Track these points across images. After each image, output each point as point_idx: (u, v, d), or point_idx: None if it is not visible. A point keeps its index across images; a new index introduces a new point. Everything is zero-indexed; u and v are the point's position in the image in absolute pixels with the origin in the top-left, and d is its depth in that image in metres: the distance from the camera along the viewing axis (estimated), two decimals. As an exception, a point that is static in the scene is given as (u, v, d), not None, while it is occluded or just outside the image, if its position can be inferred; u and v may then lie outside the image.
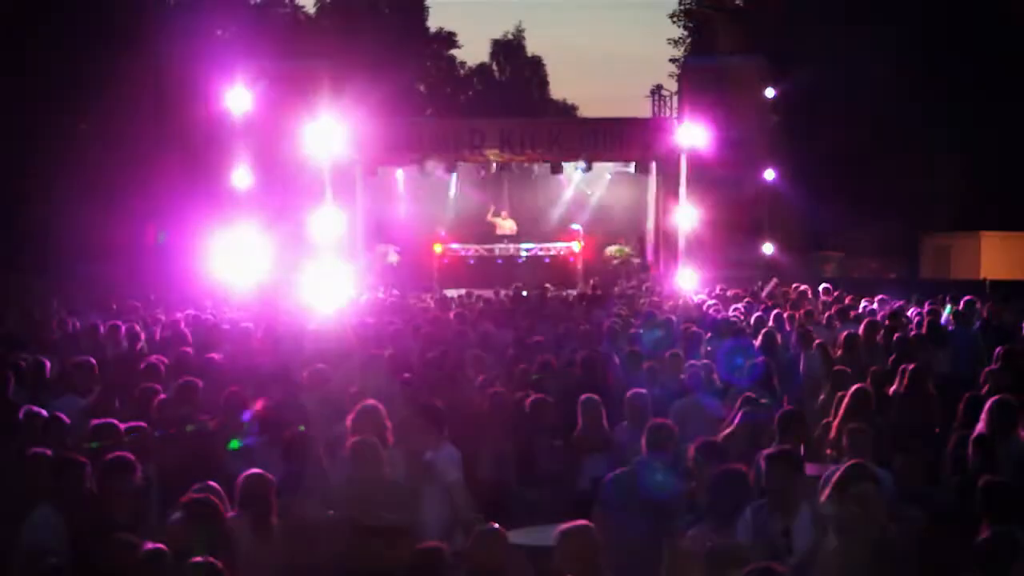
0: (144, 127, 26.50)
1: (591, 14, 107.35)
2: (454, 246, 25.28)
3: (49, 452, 6.50)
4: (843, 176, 27.44)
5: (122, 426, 7.24)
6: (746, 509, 6.03)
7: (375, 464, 6.77)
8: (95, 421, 7.27)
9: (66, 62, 26.85)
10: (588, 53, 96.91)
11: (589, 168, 25.13)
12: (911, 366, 9.73)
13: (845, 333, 11.85)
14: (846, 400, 8.63)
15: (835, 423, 8.40)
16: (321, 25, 43.38)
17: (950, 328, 13.02)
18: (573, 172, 26.04)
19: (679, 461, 6.88)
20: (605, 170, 26.38)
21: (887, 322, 12.93)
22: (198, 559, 4.79)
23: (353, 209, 24.39)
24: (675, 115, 23.59)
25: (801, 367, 11.42)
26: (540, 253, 25.32)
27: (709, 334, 12.53)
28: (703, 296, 18.22)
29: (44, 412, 7.93)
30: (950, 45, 27.08)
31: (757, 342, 12.09)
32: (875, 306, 15.62)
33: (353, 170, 24.36)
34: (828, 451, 8.52)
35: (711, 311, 15.22)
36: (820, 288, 19.10)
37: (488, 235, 25.99)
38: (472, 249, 25.39)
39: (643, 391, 8.62)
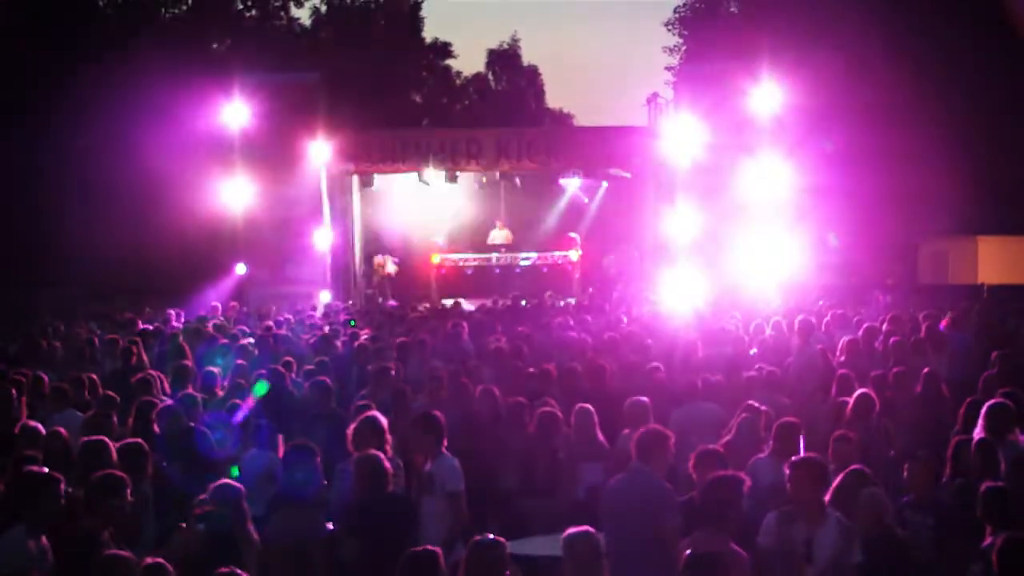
0: (142, 142, 26.49)
1: (586, 23, 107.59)
2: (452, 256, 25.25)
3: (46, 469, 6.45)
4: (840, 181, 27.43)
5: (116, 443, 7.16)
6: (770, 516, 6.04)
7: (378, 479, 6.72)
8: (84, 439, 7.16)
9: (63, 78, 26.86)
10: (584, 62, 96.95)
11: (586, 177, 25.12)
12: (926, 370, 9.74)
13: (846, 339, 11.85)
14: (850, 406, 8.63)
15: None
16: (317, 37, 43.41)
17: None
18: (570, 181, 26.03)
19: (677, 467, 6.87)
20: (601, 178, 26.36)
21: (886, 327, 12.94)
22: (224, 569, 4.78)
23: (350, 220, 24.38)
24: (671, 123, 23.55)
25: (795, 360, 11.42)
26: (538, 262, 25.27)
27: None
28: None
29: (41, 427, 7.91)
30: (948, 50, 27.11)
31: (754, 349, 12.12)
32: (873, 312, 15.63)
33: (350, 181, 24.36)
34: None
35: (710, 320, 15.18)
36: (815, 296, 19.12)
37: (485, 244, 25.97)
38: (470, 259, 25.36)
39: (643, 399, 8.60)
